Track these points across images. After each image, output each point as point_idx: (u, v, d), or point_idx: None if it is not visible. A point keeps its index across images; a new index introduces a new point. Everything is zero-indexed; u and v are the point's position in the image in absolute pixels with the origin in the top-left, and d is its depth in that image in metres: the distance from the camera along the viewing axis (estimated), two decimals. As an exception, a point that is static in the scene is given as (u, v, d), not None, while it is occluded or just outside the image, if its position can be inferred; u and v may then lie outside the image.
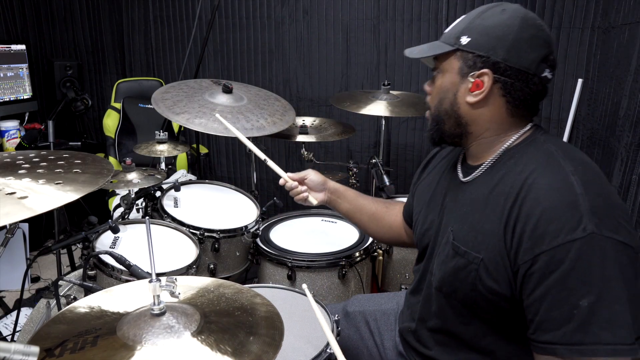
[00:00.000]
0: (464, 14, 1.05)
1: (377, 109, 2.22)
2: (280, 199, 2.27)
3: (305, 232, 2.00)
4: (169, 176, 2.27)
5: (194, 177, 2.60)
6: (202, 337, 0.83)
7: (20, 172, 0.88)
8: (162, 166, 2.08)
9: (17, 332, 1.86)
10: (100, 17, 3.53)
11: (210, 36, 2.96)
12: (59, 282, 1.43)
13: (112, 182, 1.79)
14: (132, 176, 1.83)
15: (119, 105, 3.23)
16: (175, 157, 3.11)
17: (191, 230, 1.74)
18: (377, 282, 2.00)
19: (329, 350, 1.15)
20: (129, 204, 1.86)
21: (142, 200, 1.92)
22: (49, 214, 2.48)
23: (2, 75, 3.14)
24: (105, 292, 1.00)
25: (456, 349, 1.08)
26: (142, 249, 1.60)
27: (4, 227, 1.35)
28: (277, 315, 0.92)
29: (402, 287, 1.96)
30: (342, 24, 3.03)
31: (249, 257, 1.92)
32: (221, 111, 1.96)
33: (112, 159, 3.18)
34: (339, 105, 2.33)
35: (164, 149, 2.05)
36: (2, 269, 2.19)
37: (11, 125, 3.22)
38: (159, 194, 1.91)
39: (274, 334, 0.86)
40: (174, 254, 1.62)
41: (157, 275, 0.90)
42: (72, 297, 1.52)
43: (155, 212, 1.85)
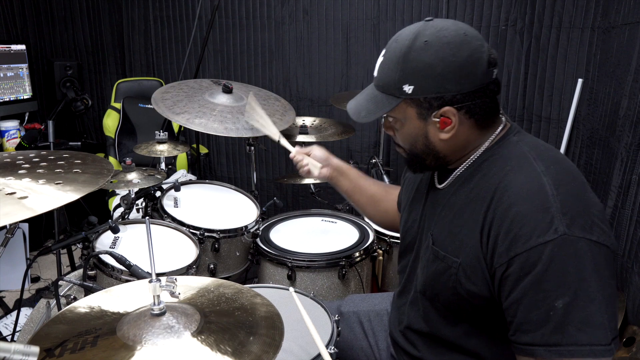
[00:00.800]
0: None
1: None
2: (280, 199, 2.28)
3: (305, 232, 2.00)
4: (169, 176, 2.27)
5: (194, 177, 2.60)
6: (202, 337, 0.83)
7: (20, 172, 0.88)
8: (162, 166, 2.08)
9: (17, 332, 1.87)
10: (100, 17, 3.53)
11: (210, 36, 2.96)
12: (59, 282, 1.43)
13: (112, 182, 1.79)
14: (132, 176, 1.83)
15: (119, 105, 3.23)
16: (175, 157, 3.11)
17: (191, 230, 1.74)
18: (377, 282, 2.00)
19: (329, 350, 1.15)
20: (129, 204, 1.86)
21: (142, 200, 1.92)
22: (49, 214, 2.48)
23: (2, 75, 3.14)
24: (105, 292, 1.00)
25: (443, 350, 1.08)
26: (142, 249, 1.59)
27: (4, 227, 1.35)
28: (277, 315, 0.92)
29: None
30: (342, 24, 3.03)
31: (249, 257, 1.92)
32: (221, 111, 1.97)
33: (112, 159, 3.18)
34: (339, 105, 2.33)
35: (164, 149, 2.05)
36: (2, 269, 2.20)
37: (11, 125, 3.22)
38: (159, 194, 1.91)
39: (274, 334, 0.86)
40: (174, 254, 1.62)
41: (157, 275, 0.90)
42: (72, 297, 1.52)
43: (155, 212, 1.85)
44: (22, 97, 3.29)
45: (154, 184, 1.83)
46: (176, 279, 0.89)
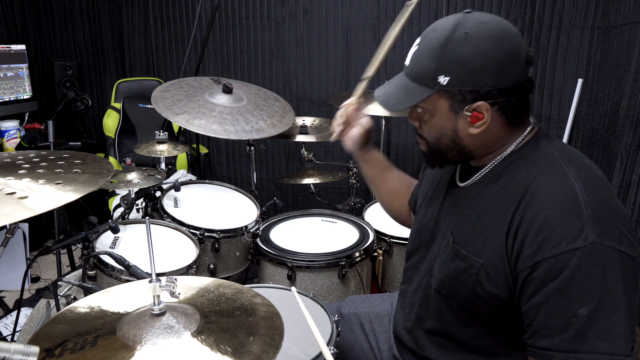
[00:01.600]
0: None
1: (377, 109, 2.22)
2: (280, 199, 2.28)
3: (305, 232, 1.99)
4: (169, 176, 2.27)
5: (194, 177, 2.60)
6: (202, 337, 0.83)
7: (20, 172, 0.88)
8: (162, 166, 2.08)
9: (17, 332, 1.87)
10: (100, 17, 3.53)
11: (210, 36, 2.96)
12: (59, 282, 1.43)
13: (112, 182, 1.79)
14: (132, 176, 1.83)
15: (119, 105, 3.23)
16: (175, 157, 3.11)
17: (191, 230, 1.74)
18: (377, 282, 2.00)
19: (329, 350, 1.15)
20: (129, 204, 1.86)
21: (142, 200, 1.92)
22: (49, 214, 2.48)
23: (2, 75, 3.14)
24: (105, 292, 1.00)
25: (453, 350, 1.08)
26: (142, 249, 1.59)
27: (4, 227, 1.35)
28: (277, 315, 0.92)
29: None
30: (342, 24, 3.02)
31: (249, 257, 1.92)
32: (221, 112, 1.96)
33: (112, 159, 3.18)
34: (339, 105, 2.33)
35: (164, 149, 2.05)
36: (2, 269, 2.19)
37: (11, 125, 3.22)
38: (159, 194, 1.91)
39: (274, 334, 0.86)
40: (174, 254, 1.62)
41: (157, 275, 0.90)
42: (72, 297, 1.52)
43: (155, 212, 1.85)
44: (22, 97, 3.29)
45: (154, 184, 1.83)
46: (176, 279, 0.89)
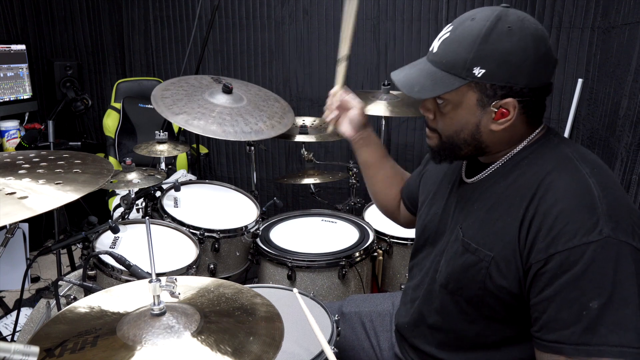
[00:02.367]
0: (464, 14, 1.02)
1: (377, 109, 2.22)
2: (280, 199, 2.28)
3: (305, 232, 1.99)
4: (169, 176, 2.27)
5: (194, 177, 2.60)
6: (202, 337, 0.83)
7: (20, 172, 0.88)
8: (162, 166, 2.08)
9: (17, 332, 1.86)
10: (100, 17, 3.53)
11: (210, 36, 2.96)
12: (59, 282, 1.43)
13: (112, 182, 1.79)
14: (132, 176, 1.83)
15: (119, 105, 3.23)
16: (175, 157, 3.11)
17: (191, 230, 1.74)
18: (377, 282, 2.00)
19: (330, 349, 1.15)
20: (129, 204, 1.86)
21: (142, 200, 1.92)
22: (49, 214, 2.48)
23: (2, 75, 3.14)
24: (105, 292, 1.00)
25: (456, 346, 1.08)
26: (142, 249, 1.59)
27: (4, 227, 1.35)
28: (277, 315, 0.92)
29: (402, 287, 1.96)
30: (342, 24, 3.02)
31: (249, 257, 1.92)
32: (220, 112, 1.96)
33: (112, 159, 3.18)
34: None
35: (164, 149, 2.05)
36: (2, 269, 2.19)
37: (11, 125, 3.22)
38: (159, 194, 1.91)
39: (274, 334, 0.86)
40: (174, 254, 1.62)
41: (157, 275, 0.90)
42: (72, 297, 1.52)
43: (155, 212, 1.85)
44: (22, 97, 3.29)
45: (154, 184, 1.83)
46: (176, 279, 0.89)
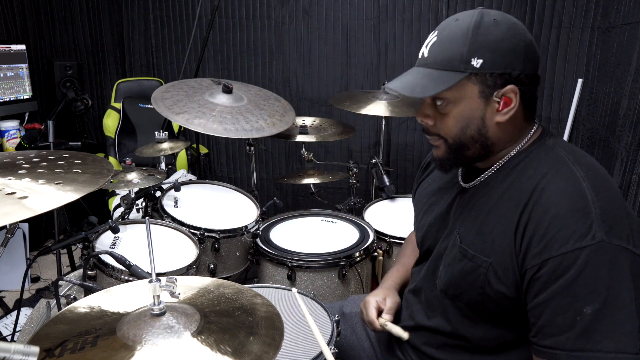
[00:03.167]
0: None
1: (377, 109, 2.22)
2: (280, 199, 2.28)
3: (305, 232, 1.99)
4: (169, 176, 2.27)
5: (194, 177, 2.60)
6: (202, 337, 0.83)
7: (20, 172, 0.88)
8: (162, 166, 2.08)
9: (17, 332, 1.86)
10: (100, 17, 3.53)
11: (210, 36, 2.96)
12: (59, 282, 1.43)
13: (112, 182, 1.79)
14: (132, 176, 1.83)
15: (119, 105, 3.23)
16: (175, 157, 3.11)
17: (191, 230, 1.74)
18: (377, 282, 2.00)
19: (330, 349, 1.15)
20: (129, 204, 1.86)
21: (142, 200, 1.92)
22: (49, 214, 2.48)
23: (2, 75, 3.14)
24: (105, 292, 1.00)
25: (458, 350, 1.08)
26: (142, 249, 1.59)
27: (4, 227, 1.35)
28: (277, 315, 0.92)
29: (402, 287, 1.96)
30: (342, 24, 3.02)
31: (249, 257, 1.92)
32: (221, 112, 1.96)
33: (112, 159, 3.18)
34: (339, 105, 2.33)
35: (165, 147, 2.05)
36: (2, 269, 2.19)
37: (11, 125, 3.22)
38: (159, 194, 1.91)
39: (274, 334, 0.86)
40: (174, 254, 1.62)
41: (157, 275, 0.90)
42: (72, 297, 1.52)
43: (155, 212, 1.85)
44: (22, 97, 3.29)
45: (154, 184, 1.83)
46: (176, 279, 0.89)
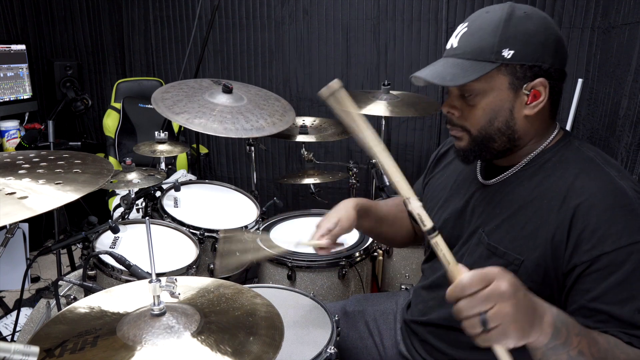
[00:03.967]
0: (464, 14, 1.03)
1: (377, 109, 2.22)
2: (280, 199, 2.27)
3: (305, 232, 1.99)
4: (169, 176, 2.27)
5: (194, 177, 2.60)
6: (202, 337, 0.83)
7: (20, 172, 0.88)
8: (162, 166, 2.08)
9: (17, 332, 1.86)
10: (100, 17, 3.53)
11: (210, 36, 2.96)
12: (59, 282, 1.43)
13: (112, 182, 1.79)
14: (132, 176, 1.83)
15: (119, 105, 3.23)
16: (175, 157, 3.11)
17: (191, 230, 1.74)
18: (377, 282, 2.00)
19: (329, 350, 1.15)
20: (129, 204, 1.86)
21: (142, 200, 1.92)
22: (49, 214, 2.48)
23: (2, 75, 3.14)
24: (105, 292, 1.00)
25: (471, 346, 1.07)
26: (142, 249, 1.59)
27: (4, 227, 1.35)
28: (277, 315, 0.92)
29: (402, 287, 1.96)
30: (342, 24, 3.02)
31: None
32: (221, 111, 1.96)
33: (112, 159, 3.18)
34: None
35: (163, 149, 2.05)
36: (2, 269, 2.19)
37: (11, 125, 3.21)
38: (159, 194, 1.91)
39: (274, 334, 0.86)
40: (174, 254, 1.62)
41: (157, 275, 0.90)
42: (72, 297, 1.52)
43: (155, 212, 1.85)
44: (22, 97, 3.29)
45: (154, 184, 1.83)
46: (176, 279, 0.89)
